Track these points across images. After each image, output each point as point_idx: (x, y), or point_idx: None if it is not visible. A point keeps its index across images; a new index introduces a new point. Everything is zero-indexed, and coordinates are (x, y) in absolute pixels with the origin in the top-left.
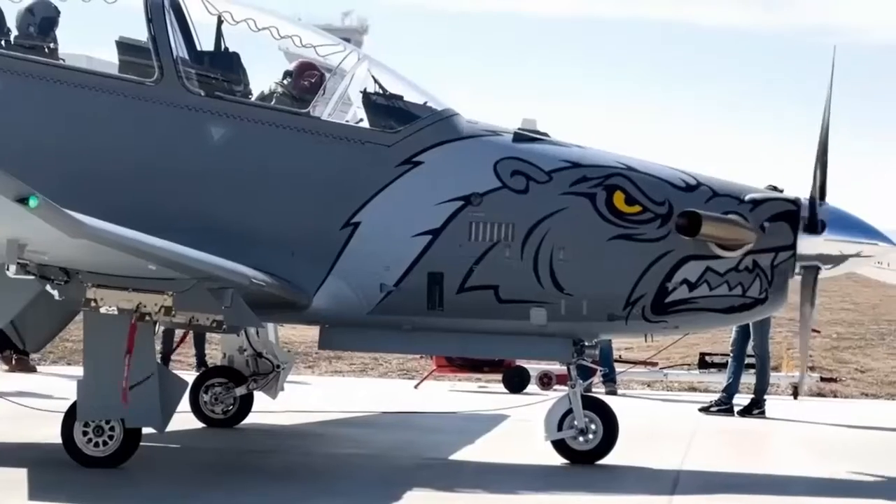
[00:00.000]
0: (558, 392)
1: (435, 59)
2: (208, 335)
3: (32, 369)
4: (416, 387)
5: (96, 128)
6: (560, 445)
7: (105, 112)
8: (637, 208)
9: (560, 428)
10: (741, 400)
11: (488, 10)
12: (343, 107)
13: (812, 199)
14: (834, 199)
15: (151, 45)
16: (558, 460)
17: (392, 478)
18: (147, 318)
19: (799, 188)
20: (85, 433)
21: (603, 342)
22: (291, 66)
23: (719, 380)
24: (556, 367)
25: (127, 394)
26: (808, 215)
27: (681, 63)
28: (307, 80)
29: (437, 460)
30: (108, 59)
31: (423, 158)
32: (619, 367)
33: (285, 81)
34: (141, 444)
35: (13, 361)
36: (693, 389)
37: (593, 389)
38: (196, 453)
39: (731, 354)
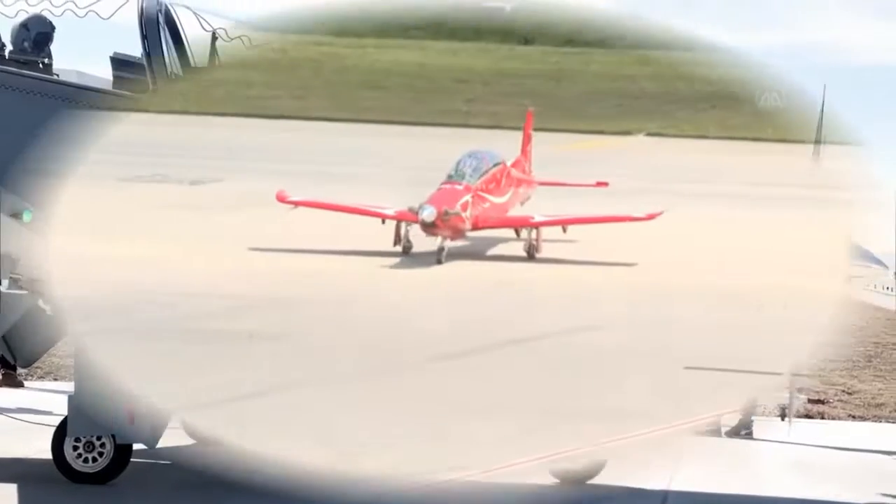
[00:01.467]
0: None
1: None
2: None
3: (19, 384)
4: None
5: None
6: None
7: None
8: None
9: None
10: (728, 420)
11: None
12: None
13: None
14: None
15: (146, 60)
16: (549, 479)
17: (382, 494)
18: None
19: None
20: (75, 448)
21: None
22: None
23: None
24: None
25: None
26: None
27: None
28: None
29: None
30: (101, 74)
31: None
32: None
33: None
34: (131, 459)
35: (0, 377)
36: None
37: None
38: (186, 469)
39: None
